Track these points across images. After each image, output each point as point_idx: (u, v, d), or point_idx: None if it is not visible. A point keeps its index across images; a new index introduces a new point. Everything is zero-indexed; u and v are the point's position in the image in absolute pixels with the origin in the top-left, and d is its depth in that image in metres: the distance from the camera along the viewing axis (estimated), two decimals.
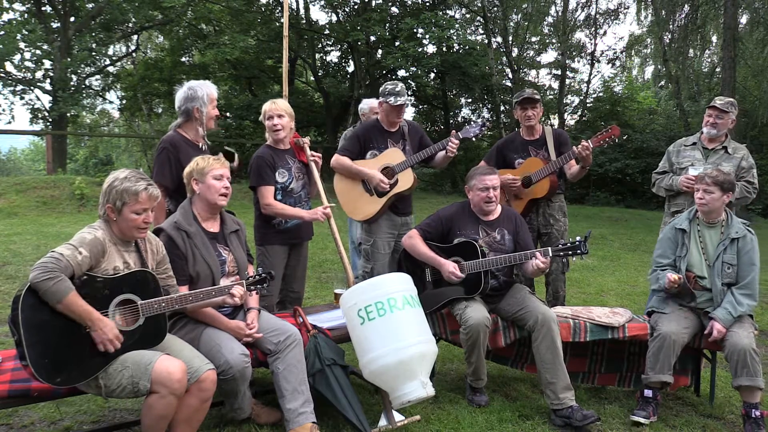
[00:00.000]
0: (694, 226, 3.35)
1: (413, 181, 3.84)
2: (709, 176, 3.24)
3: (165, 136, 3.34)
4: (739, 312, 3.13)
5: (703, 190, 3.25)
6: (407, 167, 3.82)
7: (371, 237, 3.93)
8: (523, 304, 3.26)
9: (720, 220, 3.30)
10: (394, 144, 3.90)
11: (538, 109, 4.04)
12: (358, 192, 3.89)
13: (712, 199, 3.22)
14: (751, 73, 17.22)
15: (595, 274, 7.27)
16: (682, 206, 3.93)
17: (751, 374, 2.97)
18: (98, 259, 2.34)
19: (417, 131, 4.03)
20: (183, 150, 3.23)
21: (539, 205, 4.07)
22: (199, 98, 3.27)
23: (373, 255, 3.92)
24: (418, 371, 2.74)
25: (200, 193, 2.82)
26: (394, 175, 3.82)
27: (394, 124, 3.91)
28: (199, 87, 3.30)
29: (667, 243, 3.40)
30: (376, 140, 3.90)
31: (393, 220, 3.92)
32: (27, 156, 39.39)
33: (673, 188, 3.95)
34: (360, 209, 3.90)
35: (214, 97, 3.36)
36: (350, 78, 19.56)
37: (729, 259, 3.22)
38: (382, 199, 3.83)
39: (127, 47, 21.99)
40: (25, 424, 2.94)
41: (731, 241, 3.23)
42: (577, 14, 20.90)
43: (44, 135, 15.97)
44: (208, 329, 2.73)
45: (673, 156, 4.08)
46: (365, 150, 3.90)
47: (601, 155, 16.45)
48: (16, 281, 5.48)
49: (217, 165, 2.84)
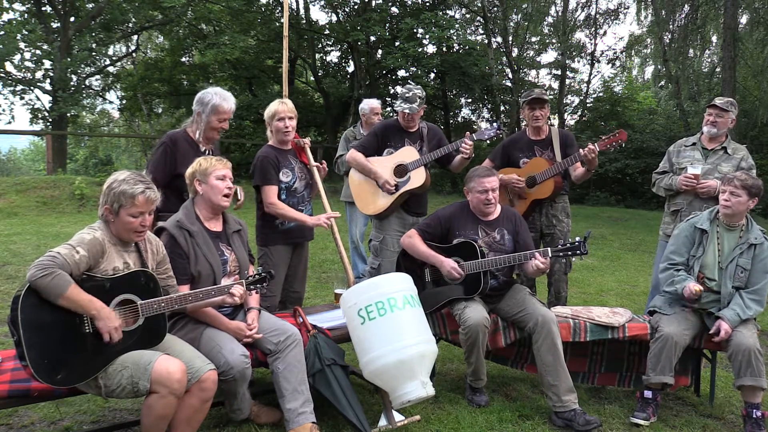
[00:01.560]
0: (714, 227, 3.30)
1: (425, 179, 3.85)
2: (738, 179, 3.17)
3: (170, 131, 3.37)
4: (747, 315, 3.12)
5: (730, 192, 3.18)
6: (420, 165, 3.85)
7: (381, 234, 3.97)
8: (522, 306, 3.25)
9: (740, 224, 3.26)
10: (411, 144, 3.93)
11: (545, 110, 4.04)
12: (372, 187, 3.95)
13: (738, 202, 3.16)
14: (751, 73, 17.21)
15: (595, 274, 7.27)
16: (681, 206, 3.93)
17: (755, 374, 2.97)
18: (97, 259, 2.34)
19: (436, 134, 4.05)
20: (181, 148, 3.23)
21: (543, 206, 4.07)
22: (205, 104, 3.26)
23: (382, 252, 3.95)
24: (418, 371, 2.74)
25: (203, 194, 2.82)
26: (406, 172, 3.85)
27: (412, 125, 3.93)
28: (211, 94, 3.27)
29: (683, 241, 3.34)
30: (394, 139, 3.95)
31: (404, 218, 3.96)
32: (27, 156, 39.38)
33: (673, 188, 3.95)
34: (371, 203, 3.96)
35: (224, 110, 3.27)
36: (350, 78, 19.57)
37: (743, 263, 3.19)
38: (393, 195, 3.87)
39: (127, 47, 21.99)
40: (25, 424, 2.94)
41: (749, 247, 3.20)
42: (577, 14, 20.91)
43: (44, 135, 15.94)
44: (208, 329, 2.73)
45: (673, 156, 4.08)
46: (382, 147, 3.97)
47: (601, 155, 16.22)
48: (16, 281, 5.48)
49: (220, 166, 2.84)
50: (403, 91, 3.86)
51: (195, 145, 3.31)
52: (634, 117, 19.67)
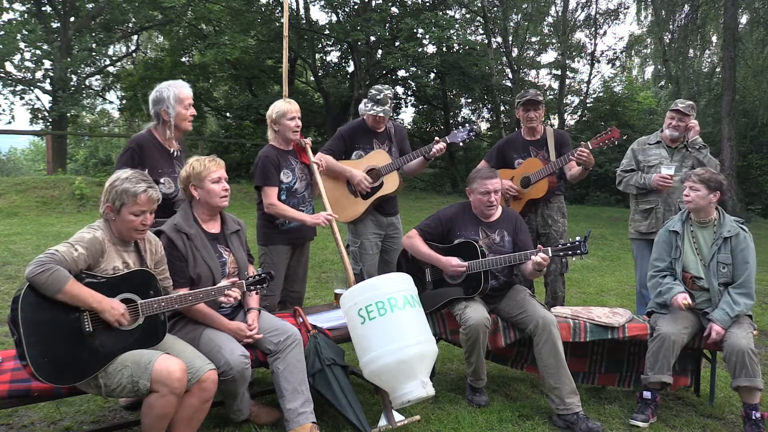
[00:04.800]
0: (687, 227, 3.35)
1: (399, 184, 3.83)
2: (695, 174, 3.26)
3: (135, 135, 3.16)
4: (736, 312, 3.12)
5: (689, 188, 3.26)
6: (393, 170, 3.81)
7: (358, 239, 3.91)
8: (523, 308, 3.25)
9: (711, 219, 3.30)
10: (380, 145, 3.88)
11: (540, 111, 4.04)
12: (343, 193, 3.87)
13: (698, 196, 3.22)
14: (751, 73, 17.20)
15: (595, 274, 7.27)
16: (654, 203, 4.00)
17: (749, 375, 2.97)
18: (97, 258, 2.34)
19: (401, 132, 4.01)
20: (148, 153, 3.05)
21: (538, 206, 4.07)
22: (165, 100, 3.07)
23: (362, 256, 3.90)
24: (418, 371, 2.74)
25: (200, 198, 2.81)
26: (379, 177, 3.80)
27: (380, 127, 3.89)
28: (165, 88, 3.10)
29: (662, 246, 3.39)
30: (362, 141, 3.88)
31: (379, 220, 3.92)
32: (27, 156, 39.36)
33: (646, 186, 4.00)
34: (345, 211, 3.85)
35: (185, 96, 3.11)
36: (350, 78, 19.56)
37: (724, 258, 3.22)
38: (366, 201, 3.82)
39: (127, 47, 21.97)
40: (25, 424, 2.94)
41: (724, 240, 3.23)
42: (577, 14, 20.95)
43: (44, 135, 15.96)
44: (208, 330, 2.72)
45: (638, 154, 4.14)
46: (350, 150, 3.89)
47: (601, 155, 16.44)
48: (16, 281, 5.48)
49: (214, 167, 2.80)
50: (373, 93, 3.75)
51: (162, 147, 3.14)
52: (634, 117, 19.67)
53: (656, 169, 3.97)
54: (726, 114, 13.97)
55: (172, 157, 3.16)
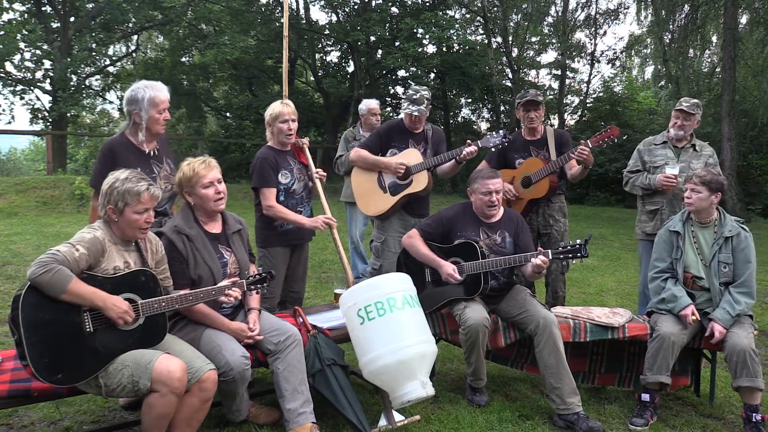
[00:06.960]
0: (688, 227, 3.35)
1: (428, 183, 3.85)
2: (697, 176, 3.25)
3: (108, 140, 3.08)
4: (737, 311, 3.12)
5: (690, 190, 3.26)
6: (423, 169, 3.83)
7: (383, 235, 3.96)
8: (523, 308, 3.25)
9: (712, 219, 3.30)
10: (415, 145, 3.92)
11: (540, 111, 4.04)
12: (373, 187, 3.94)
13: (699, 198, 3.22)
14: (751, 73, 17.19)
15: (595, 274, 7.27)
16: (660, 204, 3.98)
17: (750, 375, 2.97)
18: (98, 258, 2.35)
19: (439, 137, 4.03)
20: (122, 156, 2.96)
21: (539, 206, 4.07)
22: (139, 101, 2.99)
23: (383, 253, 3.95)
24: (417, 371, 2.74)
25: (195, 204, 2.81)
26: (409, 175, 3.83)
27: (417, 127, 3.93)
28: (142, 89, 3.01)
29: (662, 246, 3.39)
30: (398, 140, 3.94)
31: (406, 219, 3.95)
32: (27, 156, 39.33)
33: (651, 187, 3.98)
34: (372, 204, 3.96)
35: (161, 100, 3.03)
36: (350, 78, 19.57)
37: (725, 258, 3.22)
38: (394, 198, 3.87)
39: (127, 47, 21.95)
40: (25, 424, 2.94)
41: (725, 240, 3.23)
42: (577, 14, 20.91)
43: (44, 135, 15.95)
44: (208, 330, 2.73)
45: (645, 155, 4.12)
46: (386, 148, 3.95)
47: (601, 155, 16.44)
48: (16, 281, 5.48)
49: (204, 171, 2.76)
50: (410, 93, 3.83)
51: (136, 149, 3.04)
52: (634, 117, 19.66)
53: (662, 170, 3.94)
54: (726, 114, 13.95)
55: (149, 157, 3.07)
